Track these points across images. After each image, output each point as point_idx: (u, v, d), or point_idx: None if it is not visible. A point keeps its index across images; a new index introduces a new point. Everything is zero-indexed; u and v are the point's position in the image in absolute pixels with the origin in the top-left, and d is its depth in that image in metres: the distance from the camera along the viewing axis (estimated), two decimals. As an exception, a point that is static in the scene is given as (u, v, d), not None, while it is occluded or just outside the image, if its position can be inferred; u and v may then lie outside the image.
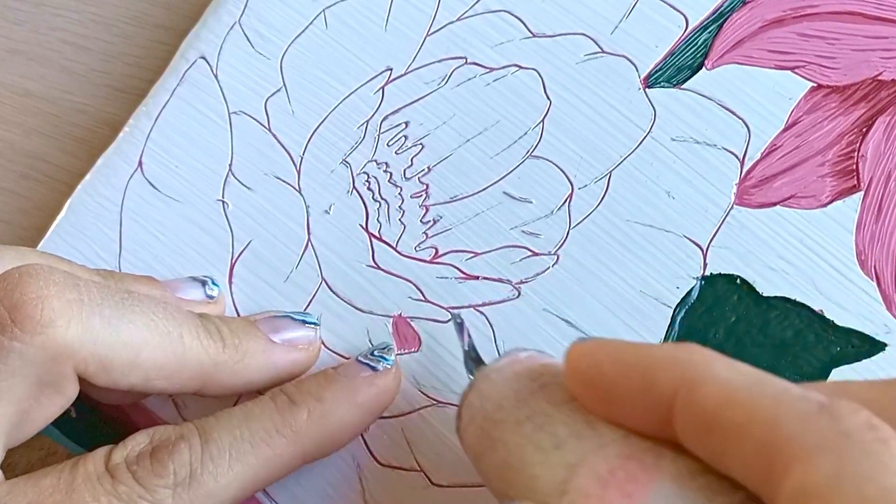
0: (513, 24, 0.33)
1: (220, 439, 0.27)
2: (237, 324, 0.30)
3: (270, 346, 0.30)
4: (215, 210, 0.33)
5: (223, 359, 0.28)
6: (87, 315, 0.26)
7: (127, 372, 0.27)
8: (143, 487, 0.25)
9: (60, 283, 0.26)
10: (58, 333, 0.25)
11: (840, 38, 0.31)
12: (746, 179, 0.31)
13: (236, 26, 0.34)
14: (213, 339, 0.28)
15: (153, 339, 0.27)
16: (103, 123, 0.37)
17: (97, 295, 0.26)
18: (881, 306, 0.29)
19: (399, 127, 0.33)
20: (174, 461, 0.26)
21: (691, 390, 0.20)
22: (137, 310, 0.27)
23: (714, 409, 0.19)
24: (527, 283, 0.31)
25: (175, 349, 0.27)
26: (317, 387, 0.28)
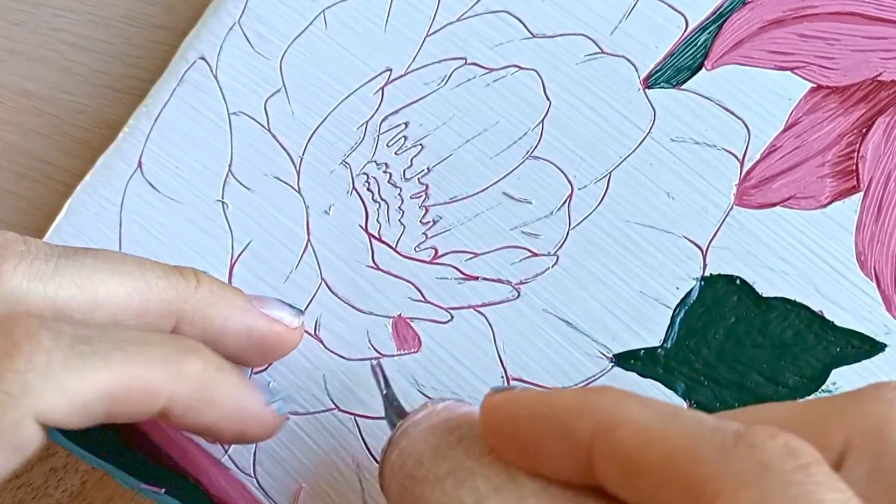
0: (512, 25, 0.33)
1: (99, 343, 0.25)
2: (220, 282, 0.29)
3: (249, 307, 0.29)
4: (215, 210, 0.33)
5: (195, 298, 0.28)
6: (33, 262, 0.26)
7: (88, 314, 0.26)
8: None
9: (10, 240, 0.26)
10: (3, 279, 0.25)
11: (840, 39, 0.31)
12: (746, 180, 0.31)
13: (236, 27, 0.34)
14: (184, 278, 0.28)
15: (111, 278, 0.26)
16: (103, 124, 0.37)
17: (47, 248, 0.26)
18: (881, 307, 0.29)
19: (399, 127, 0.33)
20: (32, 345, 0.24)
21: (608, 434, 0.20)
22: (91, 256, 0.27)
23: (632, 451, 0.19)
24: (526, 283, 0.31)
25: (137, 286, 0.27)
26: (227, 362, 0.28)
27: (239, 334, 0.29)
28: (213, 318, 0.28)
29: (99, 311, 0.26)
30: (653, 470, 0.19)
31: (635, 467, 0.19)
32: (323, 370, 0.31)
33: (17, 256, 0.26)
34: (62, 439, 0.32)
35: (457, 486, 0.22)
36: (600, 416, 0.20)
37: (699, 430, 0.19)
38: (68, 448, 0.32)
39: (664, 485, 0.19)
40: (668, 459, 0.18)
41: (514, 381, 0.30)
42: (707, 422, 0.19)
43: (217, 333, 0.29)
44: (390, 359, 0.31)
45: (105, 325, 0.26)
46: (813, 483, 0.17)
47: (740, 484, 0.17)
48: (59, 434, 0.32)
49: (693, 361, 0.30)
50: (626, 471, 0.19)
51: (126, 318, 0.27)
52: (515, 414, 0.22)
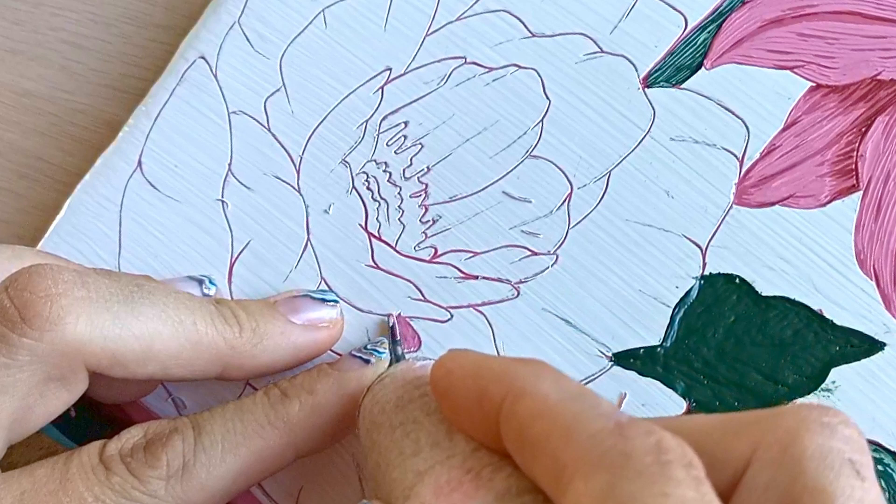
0: (512, 24, 0.33)
1: (212, 431, 0.27)
2: (255, 306, 0.30)
3: (289, 327, 0.30)
4: (215, 210, 0.33)
5: (240, 343, 0.29)
6: (95, 311, 0.26)
7: (142, 363, 0.27)
8: (136, 478, 0.26)
9: (69, 282, 0.26)
10: (67, 330, 0.25)
11: (839, 38, 0.31)
12: (745, 179, 0.31)
13: (236, 26, 0.34)
14: (228, 324, 0.29)
15: (165, 329, 0.27)
16: (102, 123, 0.37)
17: (105, 291, 0.27)
18: (880, 306, 0.29)
19: (398, 127, 0.33)
20: (167, 453, 0.26)
21: (513, 402, 0.21)
22: (147, 302, 0.27)
23: (526, 421, 0.20)
24: (526, 282, 0.31)
25: (189, 337, 0.28)
26: (309, 380, 0.29)
27: (283, 355, 0.30)
28: (260, 357, 0.29)
29: (152, 362, 0.27)
30: (535, 443, 0.20)
31: (524, 438, 0.20)
32: (323, 369, 0.31)
33: (78, 304, 0.26)
34: (64, 439, 0.32)
35: (403, 437, 0.24)
36: (512, 384, 0.21)
37: (587, 413, 0.19)
38: (68, 447, 0.32)
39: (539, 458, 0.19)
40: (547, 435, 0.19)
41: None
42: (601, 406, 0.20)
43: (266, 368, 0.29)
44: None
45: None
46: (665, 477, 0.18)
47: (597, 467, 0.18)
48: (62, 435, 0.32)
49: (693, 360, 0.30)
50: (518, 440, 0.20)
51: (176, 367, 0.28)
52: (451, 371, 0.23)
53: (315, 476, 0.31)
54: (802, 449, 0.19)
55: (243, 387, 0.32)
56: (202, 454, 0.26)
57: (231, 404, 0.28)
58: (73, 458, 0.26)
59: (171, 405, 0.32)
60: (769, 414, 0.20)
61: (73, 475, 0.26)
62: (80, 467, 0.26)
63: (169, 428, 0.27)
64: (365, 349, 0.30)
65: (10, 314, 0.25)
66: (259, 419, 0.27)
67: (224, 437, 0.27)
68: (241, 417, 0.27)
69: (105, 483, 0.25)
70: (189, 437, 0.27)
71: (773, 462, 0.19)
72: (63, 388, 0.27)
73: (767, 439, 0.20)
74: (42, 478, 0.25)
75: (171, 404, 0.32)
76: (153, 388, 0.32)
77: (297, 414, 0.28)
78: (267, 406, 0.28)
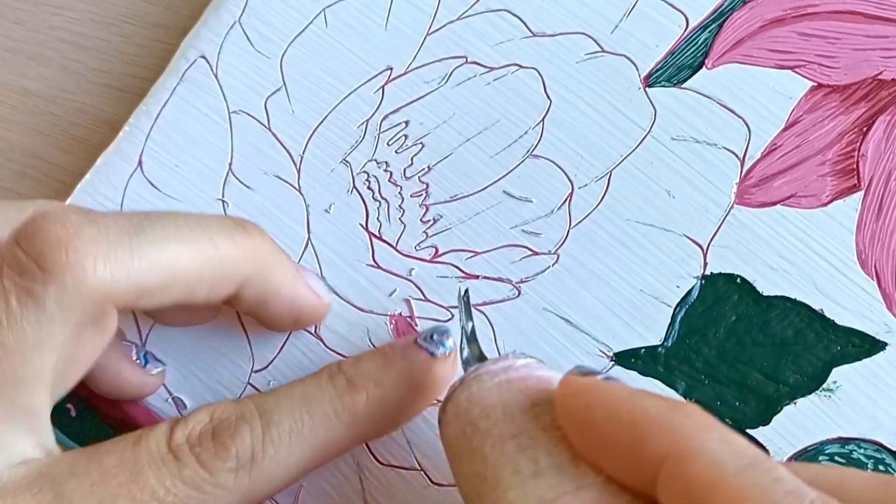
0: (513, 24, 0.33)
1: (280, 422, 0.27)
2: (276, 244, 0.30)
3: (298, 276, 0.30)
4: (215, 209, 0.33)
5: (259, 256, 0.28)
6: (111, 247, 0.25)
7: (167, 290, 0.26)
8: (206, 471, 0.25)
9: (77, 223, 0.25)
10: (88, 272, 0.25)
11: (840, 38, 0.31)
12: (747, 179, 0.31)
13: (236, 25, 0.34)
14: (248, 234, 0.28)
15: (183, 251, 0.27)
16: (103, 122, 0.37)
17: (115, 226, 0.26)
18: (881, 305, 0.29)
19: (399, 126, 0.33)
20: (237, 444, 0.26)
21: (680, 462, 0.19)
22: (160, 226, 0.27)
23: (701, 488, 0.19)
24: (527, 282, 0.31)
25: (209, 254, 0.27)
26: (376, 370, 0.28)
27: (286, 300, 0.30)
28: (271, 280, 0.29)
29: (176, 283, 0.27)
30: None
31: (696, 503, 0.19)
32: (323, 369, 0.31)
33: (93, 243, 0.25)
34: (64, 438, 0.32)
35: (518, 453, 0.22)
36: (677, 439, 0.20)
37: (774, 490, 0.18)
38: (68, 446, 0.32)
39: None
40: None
41: None
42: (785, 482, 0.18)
43: (270, 296, 0.29)
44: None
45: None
46: None
47: None
48: (61, 433, 0.32)
49: (694, 360, 0.30)
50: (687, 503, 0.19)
51: (199, 285, 0.27)
52: (592, 405, 0.21)
53: (315, 476, 0.31)
54: None
55: (243, 387, 0.32)
56: (270, 447, 0.26)
57: (297, 389, 0.28)
58: (142, 445, 0.26)
59: (171, 405, 0.32)
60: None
61: (142, 466, 0.25)
62: (149, 457, 0.25)
63: (236, 414, 0.27)
64: (431, 339, 0.29)
65: (28, 267, 0.24)
66: (326, 411, 0.27)
67: (292, 430, 0.27)
68: (308, 409, 0.27)
69: (177, 476, 0.25)
70: (257, 427, 0.26)
71: None
72: (96, 331, 0.26)
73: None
74: (111, 468, 0.25)
75: (171, 404, 0.32)
76: (151, 389, 0.32)
77: (364, 407, 0.28)
78: (334, 397, 0.28)
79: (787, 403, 0.29)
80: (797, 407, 0.29)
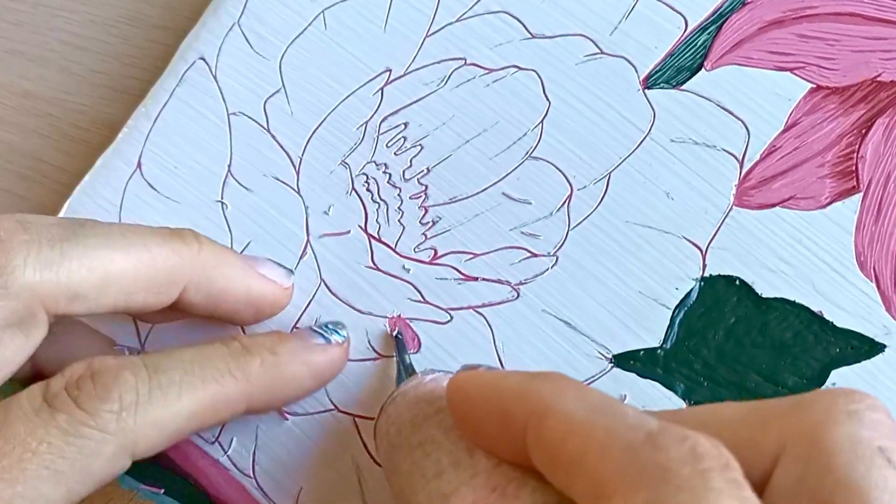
0: (512, 25, 0.33)
1: (169, 370, 0.26)
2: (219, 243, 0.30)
3: (247, 266, 0.30)
4: (214, 211, 0.33)
5: (199, 261, 0.29)
6: (42, 251, 0.26)
7: (102, 292, 0.27)
8: (84, 412, 0.24)
9: (10, 228, 0.26)
10: (16, 273, 0.25)
11: (839, 40, 0.31)
12: (746, 181, 0.31)
13: (235, 27, 0.34)
14: (185, 243, 0.29)
15: (116, 255, 0.27)
16: (102, 124, 0.37)
17: (47, 232, 0.26)
18: (880, 307, 0.29)
19: (398, 128, 0.33)
20: (119, 386, 0.25)
21: (539, 421, 0.20)
22: (92, 234, 0.27)
23: (556, 440, 0.20)
24: (526, 284, 0.31)
25: (142, 257, 0.27)
26: (271, 342, 0.29)
27: (238, 295, 0.30)
28: (216, 280, 0.29)
29: (110, 288, 0.27)
30: (569, 462, 0.19)
31: (556, 457, 0.20)
32: (322, 371, 0.31)
33: (23, 247, 0.26)
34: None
35: (424, 457, 0.23)
36: (535, 403, 0.21)
37: (617, 426, 0.19)
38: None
39: (577, 477, 0.19)
40: (582, 453, 0.19)
41: None
42: (629, 417, 0.19)
43: (220, 295, 0.29)
44: (390, 359, 0.31)
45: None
46: (707, 489, 0.17)
47: (636, 484, 0.18)
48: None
49: (693, 362, 0.30)
50: (550, 459, 0.20)
51: (136, 290, 0.27)
52: (469, 395, 0.23)
53: (315, 476, 0.31)
54: (831, 442, 0.19)
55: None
56: (158, 391, 0.26)
57: (188, 349, 0.28)
58: (12, 401, 0.25)
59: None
60: (794, 404, 0.20)
61: (11, 420, 0.24)
62: (19, 410, 0.24)
63: (117, 364, 0.26)
64: (325, 327, 0.30)
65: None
66: (219, 366, 0.27)
67: (182, 379, 0.26)
68: (200, 363, 0.27)
69: (50, 422, 0.24)
70: (142, 374, 0.26)
71: (802, 457, 0.19)
72: (20, 333, 0.26)
73: (795, 433, 0.19)
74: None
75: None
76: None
77: (258, 369, 0.28)
78: (227, 356, 0.28)
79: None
80: (796, 409, 0.29)
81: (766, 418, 0.20)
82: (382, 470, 0.26)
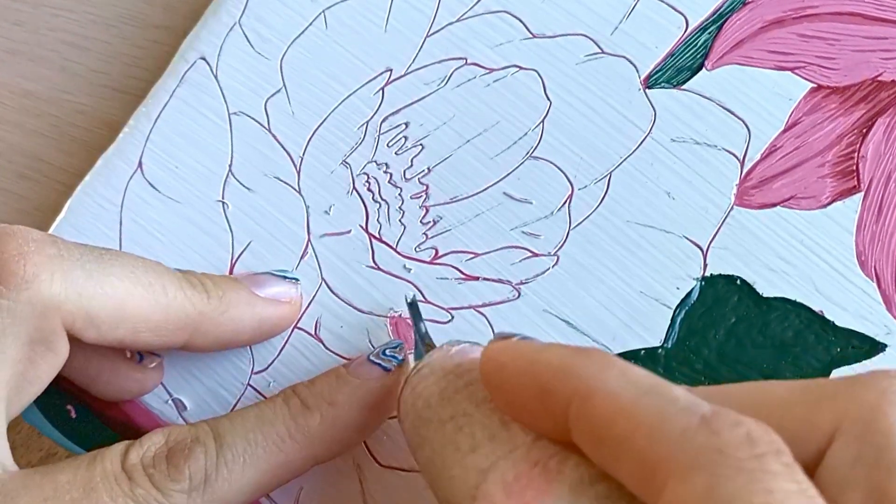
0: (513, 25, 0.33)
1: (234, 444, 0.27)
2: (220, 278, 0.30)
3: (254, 298, 0.30)
4: (215, 211, 0.33)
5: (208, 309, 0.29)
6: (68, 268, 0.26)
7: (114, 325, 0.27)
8: (159, 491, 0.26)
9: (39, 241, 0.26)
10: (42, 287, 0.25)
11: (840, 39, 0.31)
12: (746, 180, 0.31)
13: (236, 27, 0.34)
14: (196, 290, 0.29)
15: (136, 290, 0.27)
16: (102, 124, 0.37)
17: (76, 251, 0.27)
18: (881, 307, 0.29)
19: (399, 128, 0.33)
20: (190, 466, 0.26)
21: (583, 401, 0.20)
22: (118, 263, 0.27)
23: (602, 421, 0.19)
24: (527, 283, 0.31)
25: (159, 300, 0.28)
26: (329, 389, 0.28)
27: (248, 331, 0.30)
28: (225, 324, 0.29)
29: (123, 323, 0.27)
30: (617, 443, 0.19)
31: (602, 437, 0.19)
32: (323, 370, 0.31)
33: (51, 262, 0.26)
34: (65, 440, 0.32)
35: (456, 431, 0.23)
36: (578, 381, 0.20)
37: (668, 409, 0.19)
38: (69, 449, 0.32)
39: (625, 458, 0.19)
40: (631, 435, 0.19)
41: None
42: (680, 400, 0.19)
43: (230, 336, 0.30)
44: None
45: None
46: (764, 471, 0.17)
47: (693, 467, 0.18)
48: (62, 436, 0.32)
49: (693, 361, 0.30)
50: (595, 439, 0.20)
51: (146, 330, 0.28)
52: (506, 366, 0.22)
53: (315, 476, 0.31)
54: (887, 423, 0.19)
55: (243, 388, 0.32)
56: (224, 468, 0.26)
57: (251, 412, 0.28)
58: (97, 464, 0.26)
59: (171, 406, 0.32)
60: (849, 385, 0.20)
61: (96, 484, 0.25)
62: (103, 475, 0.25)
63: (191, 437, 0.27)
64: (384, 355, 0.29)
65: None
66: (280, 432, 0.27)
67: (246, 451, 0.27)
68: (261, 429, 0.27)
69: (129, 494, 0.25)
70: (211, 449, 0.27)
71: (858, 438, 0.19)
72: (49, 351, 0.27)
73: (850, 413, 0.19)
74: (65, 484, 0.25)
75: (171, 406, 0.32)
76: (151, 384, 0.32)
77: (318, 427, 0.28)
78: (287, 418, 0.28)
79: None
80: (797, 408, 0.29)
81: (819, 398, 0.20)
82: (407, 442, 0.26)
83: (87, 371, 0.30)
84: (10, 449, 0.27)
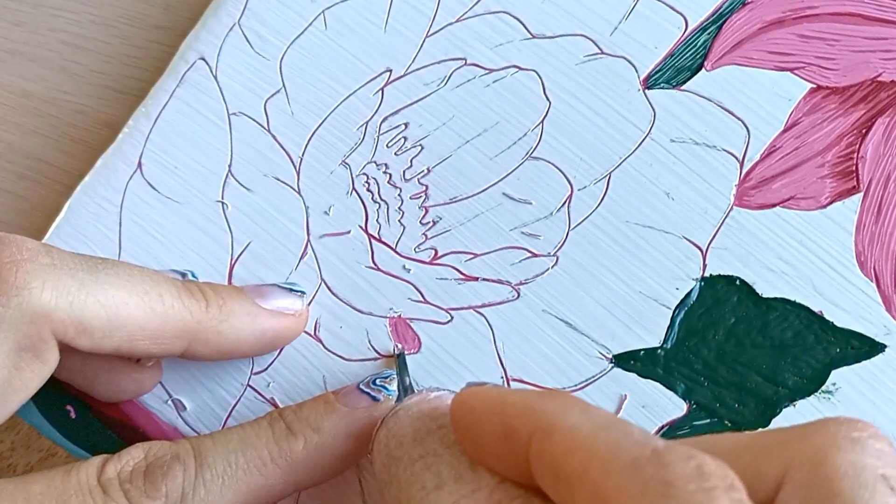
0: (512, 26, 0.33)
1: (214, 464, 0.27)
2: (223, 287, 0.30)
3: (256, 309, 0.30)
4: (215, 211, 0.33)
5: (207, 318, 0.29)
6: (61, 277, 0.26)
7: (108, 333, 0.27)
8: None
9: (33, 249, 0.26)
10: (33, 295, 0.25)
11: (839, 40, 0.31)
12: (746, 181, 0.31)
13: (236, 27, 0.34)
14: (195, 298, 0.29)
15: (131, 298, 0.27)
16: (102, 124, 0.37)
17: (70, 260, 0.27)
18: (881, 307, 0.29)
19: (398, 128, 0.33)
20: (167, 483, 0.26)
21: (544, 437, 0.20)
22: (112, 272, 0.27)
23: (561, 456, 0.20)
24: (526, 284, 0.31)
25: (155, 307, 0.28)
26: (316, 416, 0.28)
27: (250, 342, 0.30)
28: (226, 333, 0.29)
29: (118, 331, 0.27)
30: (572, 477, 0.19)
31: (560, 473, 0.20)
32: (323, 371, 0.32)
33: (43, 271, 0.26)
34: (64, 441, 0.32)
35: (424, 470, 0.23)
36: (539, 420, 0.21)
37: (623, 442, 0.19)
38: (68, 450, 0.32)
39: (580, 493, 0.19)
40: (585, 468, 0.19)
41: (514, 381, 0.30)
42: (635, 435, 0.19)
43: (231, 346, 0.29)
44: (390, 360, 0.31)
45: None
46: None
47: (640, 500, 0.18)
48: (62, 437, 0.32)
49: (693, 362, 0.30)
50: (554, 475, 0.20)
51: (142, 338, 0.28)
52: (474, 410, 0.23)
53: (315, 477, 0.31)
54: (834, 468, 0.19)
55: (243, 389, 0.32)
56: (202, 488, 0.26)
57: (235, 433, 0.28)
58: (71, 476, 0.26)
59: (170, 407, 0.32)
60: (797, 432, 0.20)
61: (70, 497, 0.25)
62: (77, 488, 0.25)
63: (171, 454, 0.27)
64: (373, 384, 0.29)
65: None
66: (262, 456, 0.27)
67: (226, 472, 0.27)
68: (244, 452, 0.27)
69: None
70: (191, 467, 0.26)
71: (805, 483, 0.19)
72: (36, 360, 0.26)
73: (798, 459, 0.19)
74: (37, 495, 0.25)
75: (170, 406, 0.32)
76: (150, 384, 0.32)
77: (301, 453, 0.27)
78: (271, 442, 0.27)
79: (786, 405, 0.29)
80: (796, 409, 0.29)
81: (768, 445, 0.20)
82: (377, 482, 0.26)
83: (85, 373, 0.30)
84: (10, 449, 0.27)
